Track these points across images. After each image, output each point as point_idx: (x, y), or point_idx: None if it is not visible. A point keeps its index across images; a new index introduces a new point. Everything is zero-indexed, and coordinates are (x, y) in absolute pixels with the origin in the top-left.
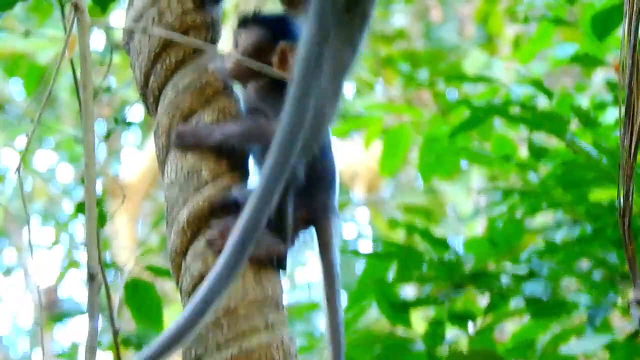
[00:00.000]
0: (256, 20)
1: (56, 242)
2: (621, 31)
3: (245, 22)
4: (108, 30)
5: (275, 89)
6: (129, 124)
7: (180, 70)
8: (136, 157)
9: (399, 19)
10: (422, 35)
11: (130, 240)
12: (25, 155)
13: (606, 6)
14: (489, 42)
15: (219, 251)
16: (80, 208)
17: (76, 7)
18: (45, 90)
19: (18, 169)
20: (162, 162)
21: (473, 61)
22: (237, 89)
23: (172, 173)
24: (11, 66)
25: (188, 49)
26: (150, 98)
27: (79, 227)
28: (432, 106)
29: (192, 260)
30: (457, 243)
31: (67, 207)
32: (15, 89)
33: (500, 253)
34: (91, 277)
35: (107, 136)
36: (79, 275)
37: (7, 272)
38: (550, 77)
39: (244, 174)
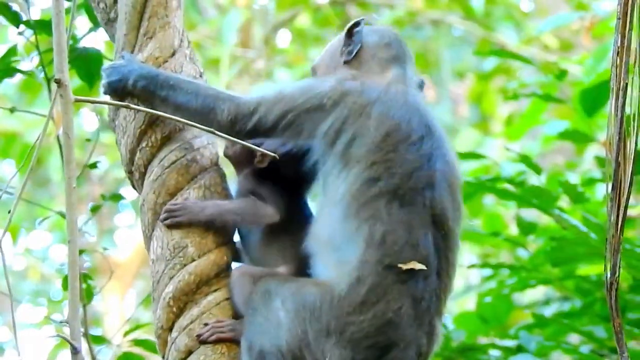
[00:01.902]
0: None
1: (48, 321)
2: (608, 106)
3: None
4: (95, 106)
5: (272, 176)
6: (119, 197)
7: (165, 146)
8: (128, 237)
9: None
10: None
11: (121, 317)
12: (12, 230)
13: (595, 82)
14: (483, 122)
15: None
16: (66, 283)
17: (59, 84)
18: (34, 167)
19: None
20: (148, 238)
21: (465, 139)
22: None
23: (158, 249)
24: (4, 147)
25: (174, 126)
26: (137, 175)
27: None
28: None
29: (178, 335)
30: (448, 318)
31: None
32: (9, 170)
33: (490, 328)
34: (74, 351)
35: (94, 210)
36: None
37: (0, 350)
38: (545, 156)
39: (230, 250)
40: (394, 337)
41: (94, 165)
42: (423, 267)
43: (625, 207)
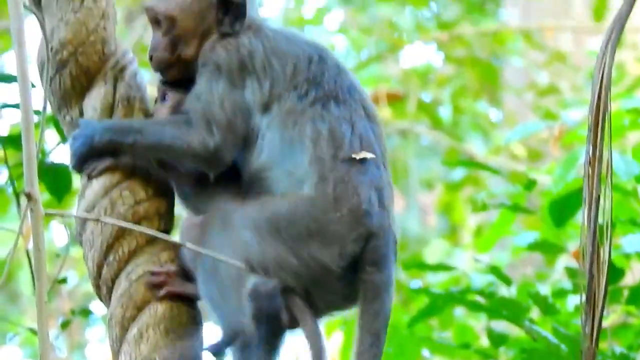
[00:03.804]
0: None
1: None
2: (580, 217)
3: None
4: (65, 220)
5: None
6: (88, 312)
7: (133, 260)
8: (99, 351)
9: None
10: None
11: None
12: None
13: (564, 192)
14: (452, 232)
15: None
16: None
17: (29, 197)
18: (4, 283)
19: None
20: (116, 353)
21: (434, 250)
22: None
23: None
24: None
25: (141, 240)
26: (104, 289)
27: None
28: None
29: None
30: None
31: None
32: None
33: None
34: None
35: (64, 326)
36: None
37: None
38: (515, 266)
39: None
40: (371, 227)
41: (63, 281)
42: (373, 155)
43: (600, 319)
